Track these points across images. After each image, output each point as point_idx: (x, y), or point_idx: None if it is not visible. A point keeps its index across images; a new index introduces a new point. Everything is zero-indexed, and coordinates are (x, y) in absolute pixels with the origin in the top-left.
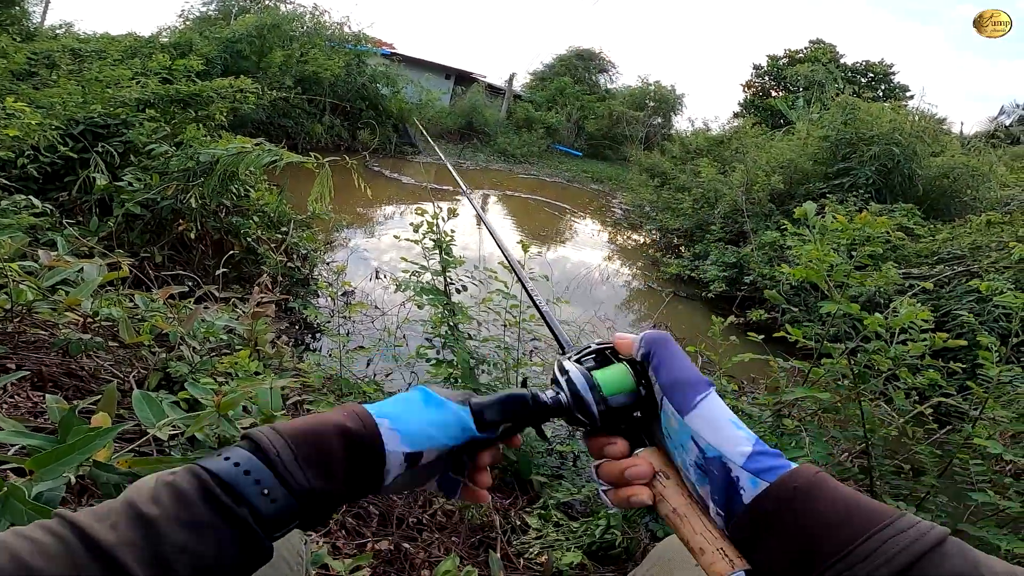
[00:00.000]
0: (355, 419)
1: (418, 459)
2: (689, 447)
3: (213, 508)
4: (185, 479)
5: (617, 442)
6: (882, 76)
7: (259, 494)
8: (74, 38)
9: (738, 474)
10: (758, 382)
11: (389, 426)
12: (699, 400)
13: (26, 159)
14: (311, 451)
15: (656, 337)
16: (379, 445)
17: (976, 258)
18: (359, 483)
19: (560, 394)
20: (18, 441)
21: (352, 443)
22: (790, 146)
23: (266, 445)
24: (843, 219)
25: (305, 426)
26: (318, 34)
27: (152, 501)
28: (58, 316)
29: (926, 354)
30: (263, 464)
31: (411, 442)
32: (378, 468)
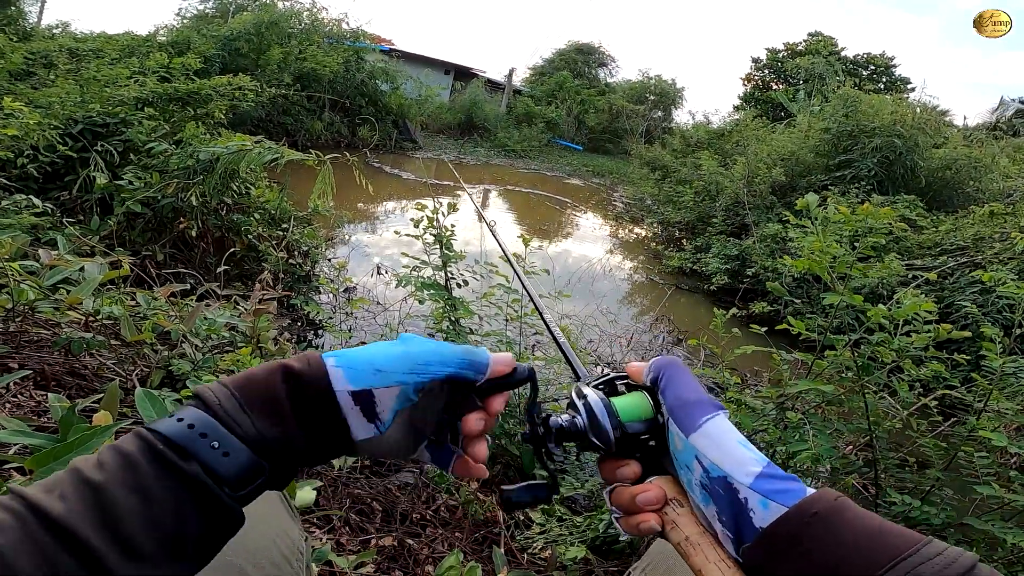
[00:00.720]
0: (302, 360)
1: (369, 400)
2: (693, 466)
3: (161, 467)
4: (129, 441)
5: (631, 464)
6: (883, 69)
7: (208, 447)
8: (71, 37)
9: (746, 495)
10: (761, 375)
11: (334, 364)
12: (704, 420)
13: (26, 159)
14: (254, 395)
15: (664, 361)
16: (325, 384)
17: (979, 249)
18: (318, 431)
19: (576, 418)
20: (19, 440)
21: (296, 383)
22: (791, 138)
23: (208, 397)
24: (845, 210)
25: (252, 372)
26: (316, 31)
27: (97, 466)
28: (60, 315)
29: (930, 346)
30: (210, 417)
31: (356, 380)
32: (333, 413)
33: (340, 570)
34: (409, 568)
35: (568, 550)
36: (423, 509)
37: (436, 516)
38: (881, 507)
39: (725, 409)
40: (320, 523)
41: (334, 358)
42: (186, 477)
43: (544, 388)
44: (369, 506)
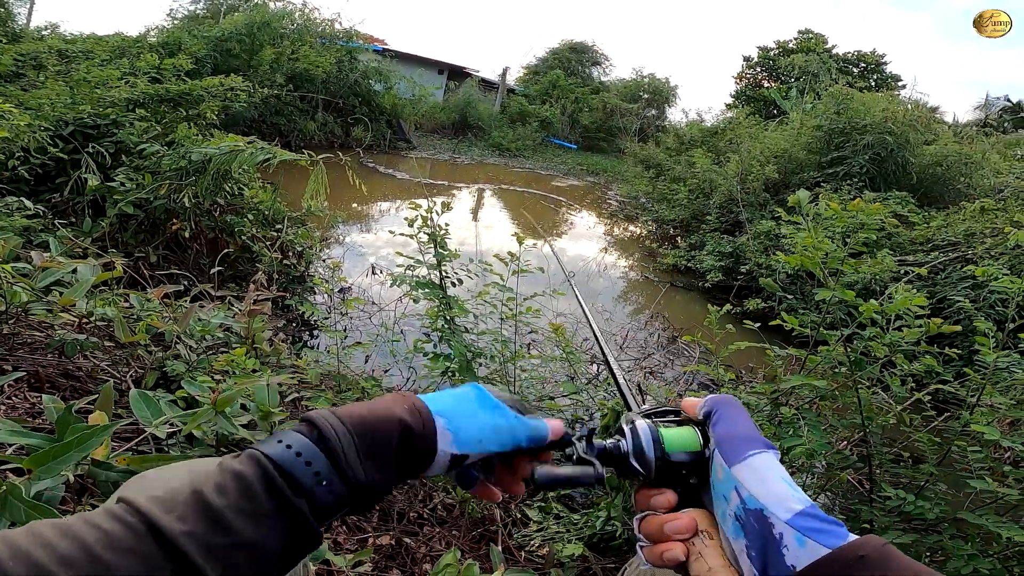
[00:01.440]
0: (415, 415)
1: (462, 461)
2: (731, 497)
3: (273, 497)
4: (249, 468)
5: (667, 493)
6: (874, 66)
7: (317, 484)
8: (60, 39)
9: (782, 530)
10: (756, 371)
11: (444, 425)
12: (751, 454)
13: (17, 161)
14: (373, 445)
15: (721, 398)
16: (432, 443)
17: (971, 244)
18: (405, 474)
19: (621, 442)
20: (16, 440)
21: (410, 440)
22: (784, 136)
23: (329, 434)
24: (837, 206)
25: (370, 417)
26: (308, 31)
27: (218, 491)
28: (53, 317)
29: (922, 340)
30: (323, 453)
31: (461, 445)
32: (426, 464)
33: (338, 569)
34: (407, 567)
35: (565, 547)
36: (420, 508)
37: (433, 515)
38: (876, 502)
39: (776, 450)
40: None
41: (444, 419)
42: (293, 510)
43: (540, 387)
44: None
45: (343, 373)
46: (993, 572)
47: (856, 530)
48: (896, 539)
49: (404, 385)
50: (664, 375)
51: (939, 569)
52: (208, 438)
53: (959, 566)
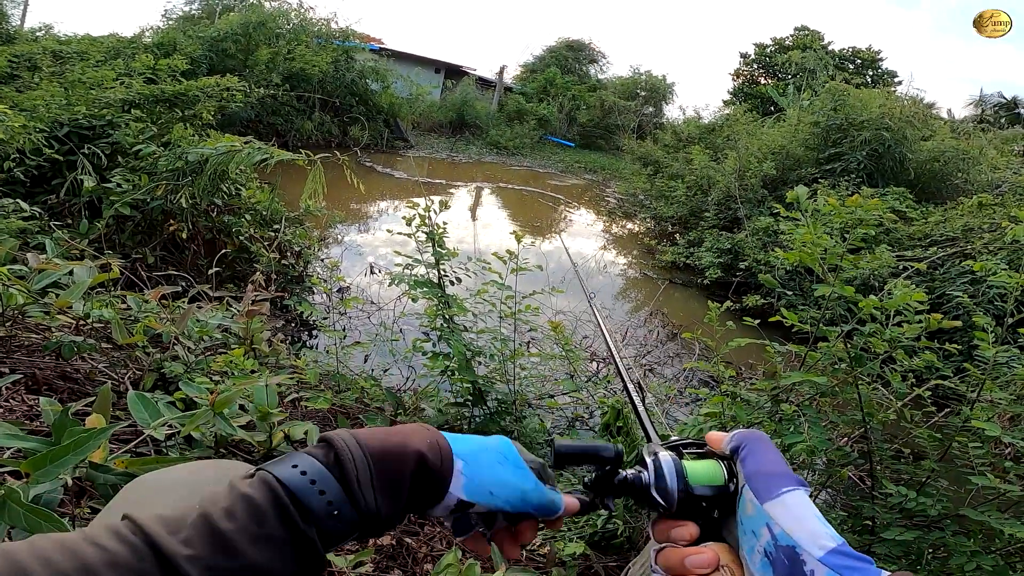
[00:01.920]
0: (435, 451)
1: (467, 508)
2: (761, 533)
3: (284, 525)
4: (260, 492)
5: (689, 526)
6: (870, 62)
7: (328, 514)
8: (55, 40)
9: (813, 567)
10: (755, 368)
11: (460, 469)
12: (784, 491)
13: (12, 163)
14: (388, 475)
15: (749, 433)
16: (446, 483)
17: (969, 239)
18: (412, 510)
19: (642, 473)
20: (13, 444)
21: (424, 475)
22: (781, 132)
23: (346, 459)
24: (835, 202)
25: (390, 445)
26: (304, 31)
27: (227, 516)
28: (50, 319)
29: (922, 336)
30: (336, 479)
31: (471, 492)
32: (434, 502)
33: (338, 569)
34: (408, 567)
35: (567, 546)
36: None
37: None
38: (877, 499)
39: (808, 486)
40: None
41: (463, 462)
42: (302, 537)
43: (540, 385)
44: None
45: (342, 373)
46: (995, 568)
47: (858, 527)
48: (898, 536)
49: (403, 384)
50: (664, 372)
51: (941, 566)
52: (207, 439)
53: (961, 562)
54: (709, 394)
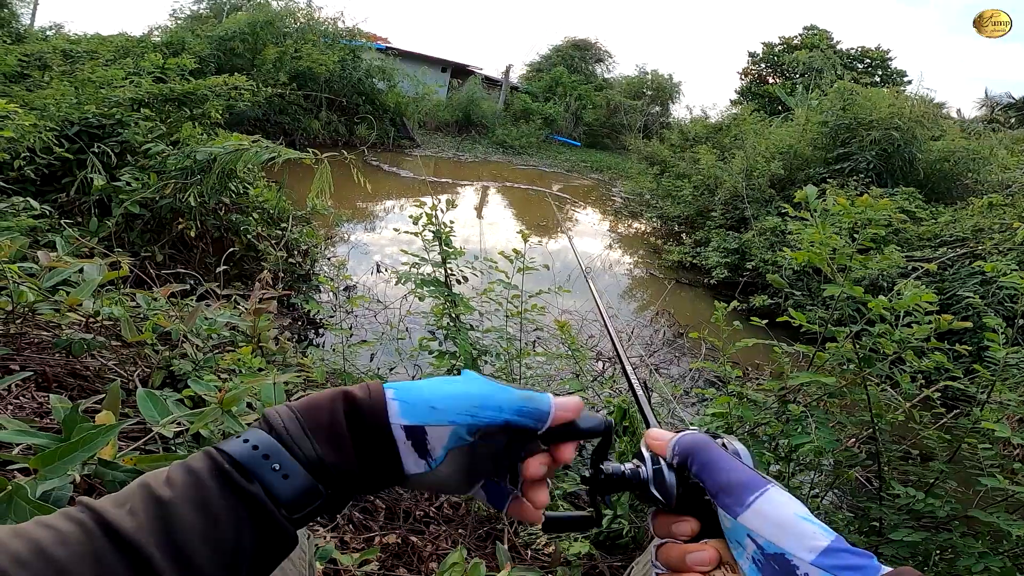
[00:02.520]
0: (363, 388)
1: (421, 436)
2: (745, 543)
3: (225, 486)
4: (198, 459)
5: (690, 521)
6: (879, 62)
7: (270, 470)
8: (65, 39)
9: (807, 571)
10: (762, 368)
11: (392, 396)
12: (753, 499)
13: (23, 161)
14: (317, 420)
15: (690, 442)
16: (382, 415)
17: (979, 240)
18: (373, 460)
19: (640, 468)
20: (22, 440)
21: (356, 412)
22: (789, 132)
23: (274, 419)
24: (844, 202)
25: (315, 397)
26: (312, 30)
27: (166, 483)
28: (60, 317)
29: (931, 337)
30: (275, 440)
31: (409, 413)
32: (388, 446)
33: (344, 568)
34: (413, 565)
35: (572, 545)
36: (426, 506)
37: (439, 513)
38: (885, 500)
39: (774, 483)
40: (324, 521)
41: (393, 390)
42: (248, 497)
43: (546, 384)
44: (373, 504)
45: (349, 371)
46: (1003, 570)
47: (865, 528)
48: (905, 537)
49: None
50: (670, 372)
51: (949, 567)
52: (215, 437)
53: (970, 564)
54: (715, 394)
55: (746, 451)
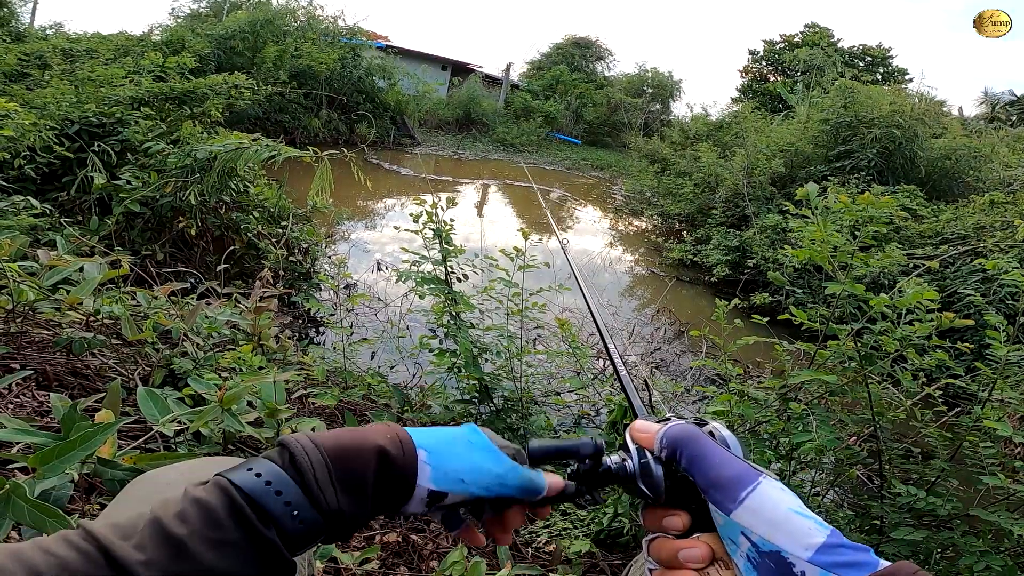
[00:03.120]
0: (396, 444)
1: (440, 499)
2: (739, 541)
3: (240, 527)
4: (214, 495)
5: (680, 515)
6: (880, 60)
7: (287, 514)
8: (64, 38)
9: (803, 569)
10: (764, 366)
11: (424, 459)
12: (745, 494)
13: (23, 160)
14: (347, 471)
15: (678, 434)
16: (412, 476)
17: (981, 237)
18: (382, 506)
19: (627, 462)
20: (21, 439)
21: (387, 469)
22: (790, 130)
23: (301, 459)
24: (846, 199)
25: (347, 442)
26: (312, 28)
27: (179, 519)
28: (60, 315)
29: (933, 335)
30: (293, 481)
31: (439, 481)
32: (404, 498)
33: (345, 566)
34: (414, 564)
35: (573, 544)
36: None
37: None
38: (886, 498)
39: (766, 473)
40: None
41: (426, 452)
42: (262, 540)
43: (546, 382)
44: None
45: (349, 369)
46: (1005, 569)
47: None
48: (907, 536)
49: (410, 381)
50: (671, 370)
51: (950, 566)
52: (215, 436)
53: (971, 562)
54: (716, 392)
55: (734, 439)
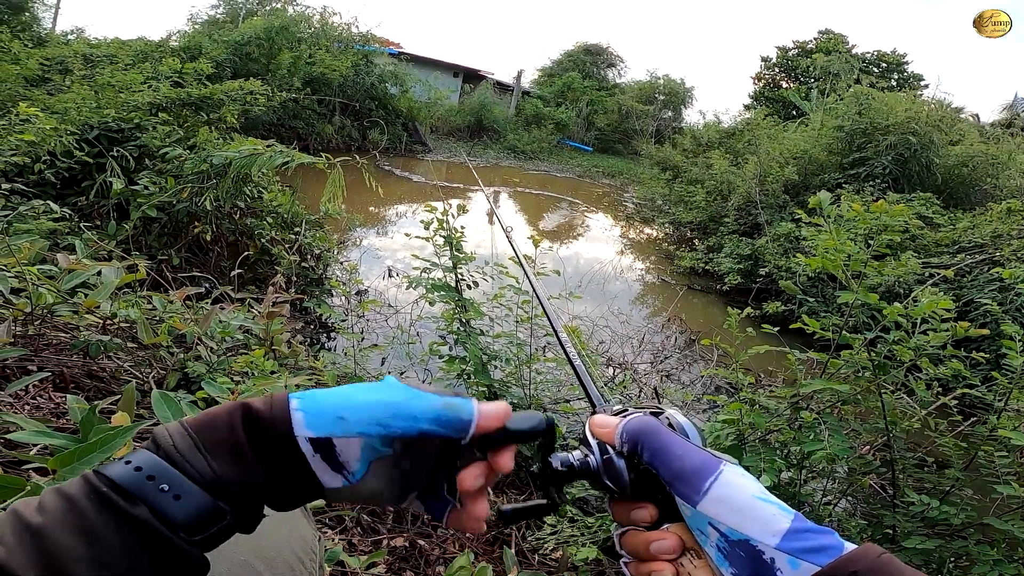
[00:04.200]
0: (265, 401)
1: (330, 449)
2: (708, 531)
3: (104, 509)
4: (73, 484)
5: (647, 507)
6: (895, 65)
7: (156, 491)
8: (85, 43)
9: (772, 556)
10: (775, 375)
11: (297, 406)
12: (709, 484)
13: (43, 164)
14: (212, 436)
15: (640, 428)
16: (286, 428)
17: (998, 246)
18: (283, 476)
19: (589, 457)
20: (40, 440)
21: (256, 425)
22: (804, 137)
23: (162, 437)
24: (859, 208)
25: (210, 413)
26: (326, 35)
27: (37, 510)
28: (78, 318)
29: (948, 344)
30: (161, 459)
31: (315, 425)
32: (298, 460)
33: (352, 570)
34: (420, 568)
35: (580, 551)
36: None
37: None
38: (899, 507)
39: (726, 459)
40: (332, 523)
41: (298, 400)
42: (133, 520)
43: (555, 389)
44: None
45: (360, 375)
46: None
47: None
48: (920, 544)
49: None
50: (681, 379)
51: (964, 574)
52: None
53: (984, 571)
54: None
55: (692, 426)
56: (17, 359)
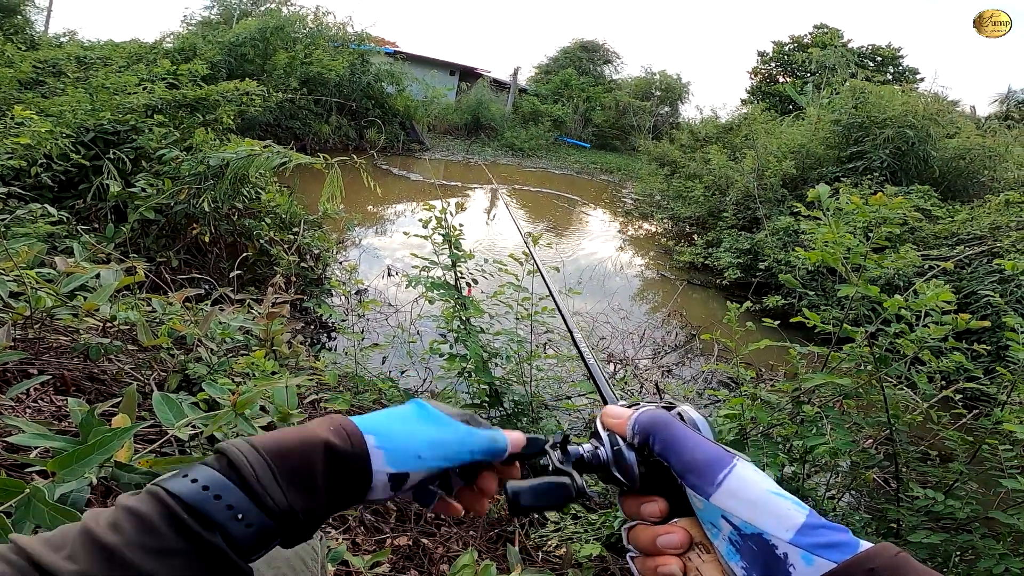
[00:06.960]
0: (341, 435)
1: (403, 481)
2: (720, 525)
3: (180, 534)
4: (146, 503)
5: (657, 501)
6: (890, 59)
7: (232, 519)
8: (78, 45)
9: (786, 551)
10: (776, 369)
11: (375, 444)
12: (723, 476)
13: (40, 168)
14: (293, 470)
15: (653, 420)
16: (366, 464)
17: (997, 237)
18: (341, 501)
19: (600, 449)
20: (40, 443)
21: (336, 461)
22: (801, 131)
23: (240, 463)
24: (858, 200)
25: (288, 441)
26: (321, 35)
27: (111, 528)
28: (78, 321)
29: (949, 336)
30: (235, 485)
31: (396, 462)
32: (361, 487)
33: (355, 569)
34: (424, 567)
35: (583, 547)
36: None
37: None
38: (903, 501)
39: (739, 455)
40: (335, 523)
41: (374, 437)
42: (207, 547)
43: (556, 386)
44: (384, 506)
45: (360, 374)
46: None
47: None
48: (925, 539)
49: (421, 385)
50: (682, 374)
51: (969, 569)
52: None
53: (990, 565)
54: (729, 396)
55: (704, 420)
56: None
